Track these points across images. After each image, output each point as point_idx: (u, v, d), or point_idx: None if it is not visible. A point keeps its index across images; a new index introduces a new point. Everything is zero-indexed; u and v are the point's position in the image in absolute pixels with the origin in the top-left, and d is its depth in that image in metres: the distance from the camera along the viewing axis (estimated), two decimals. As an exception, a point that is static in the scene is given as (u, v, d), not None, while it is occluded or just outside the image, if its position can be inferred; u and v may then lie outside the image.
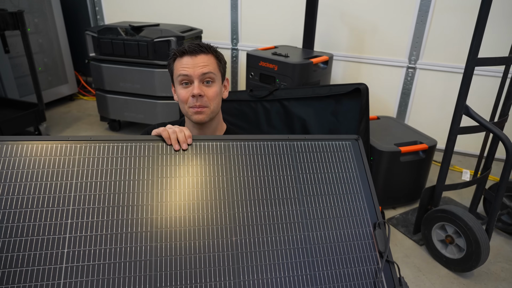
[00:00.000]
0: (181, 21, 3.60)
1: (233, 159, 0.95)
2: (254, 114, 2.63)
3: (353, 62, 3.25)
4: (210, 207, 0.88)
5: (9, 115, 2.92)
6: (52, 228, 0.79)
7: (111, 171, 0.87)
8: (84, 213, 0.81)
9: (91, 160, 0.87)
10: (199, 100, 1.13)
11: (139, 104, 3.12)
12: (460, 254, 1.88)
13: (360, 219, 0.94)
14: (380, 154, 2.23)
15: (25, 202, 0.80)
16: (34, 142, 0.87)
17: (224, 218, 0.87)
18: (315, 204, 0.94)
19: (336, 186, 0.98)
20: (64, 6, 3.76)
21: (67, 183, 0.84)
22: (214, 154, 0.95)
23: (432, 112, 3.16)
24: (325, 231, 0.91)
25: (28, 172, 0.83)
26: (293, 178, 0.97)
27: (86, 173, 0.86)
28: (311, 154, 1.01)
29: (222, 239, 0.85)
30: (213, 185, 0.91)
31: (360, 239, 0.91)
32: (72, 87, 4.02)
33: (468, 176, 2.83)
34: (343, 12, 3.13)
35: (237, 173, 0.94)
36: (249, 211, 0.90)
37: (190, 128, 1.25)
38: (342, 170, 1.01)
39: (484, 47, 2.02)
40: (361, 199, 0.98)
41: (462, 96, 1.79)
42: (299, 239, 0.88)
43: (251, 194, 0.92)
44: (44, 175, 0.84)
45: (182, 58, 1.14)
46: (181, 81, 1.14)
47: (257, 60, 2.73)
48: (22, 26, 2.79)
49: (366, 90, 2.14)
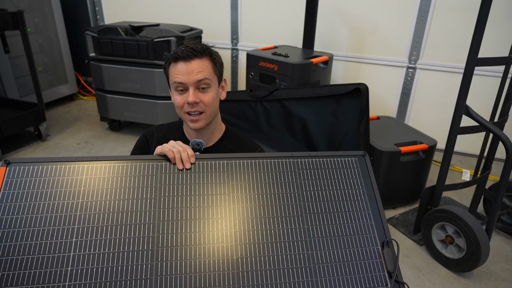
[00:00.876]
0: (181, 21, 3.60)
1: (236, 177, 0.95)
2: (254, 114, 2.63)
3: (353, 62, 3.25)
4: (213, 225, 0.87)
5: (9, 115, 2.92)
6: (58, 246, 0.80)
7: (116, 191, 0.89)
8: (89, 231, 0.82)
9: (97, 180, 0.90)
10: (195, 106, 1.11)
11: (139, 104, 3.12)
12: (460, 254, 1.88)
13: (368, 237, 0.91)
14: (380, 154, 2.23)
15: (32, 221, 0.82)
16: (43, 164, 0.90)
17: (227, 236, 0.86)
18: (319, 222, 0.92)
19: (342, 204, 0.96)
20: (64, 6, 3.76)
21: (74, 203, 0.86)
22: (217, 172, 0.95)
23: (432, 112, 3.15)
24: (330, 250, 0.88)
25: (37, 192, 0.86)
26: (297, 196, 0.95)
27: (92, 193, 0.88)
28: (316, 171, 0.99)
29: (224, 257, 0.83)
30: (216, 203, 0.91)
31: (367, 258, 0.88)
32: (72, 87, 4.02)
33: (468, 176, 2.83)
34: (343, 12, 3.13)
35: (239, 191, 0.93)
36: (251, 229, 0.88)
37: (188, 131, 1.24)
38: (348, 187, 0.99)
39: (484, 47, 2.02)
40: (369, 216, 0.95)
41: (462, 96, 1.79)
42: (303, 258, 0.85)
43: (253, 213, 0.91)
44: (51, 195, 0.86)
45: (176, 64, 1.11)
46: (176, 88, 1.12)
47: (257, 60, 2.73)
48: (22, 26, 2.79)
49: (366, 90, 2.14)
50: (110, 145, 3.14)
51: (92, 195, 0.87)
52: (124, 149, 3.07)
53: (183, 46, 1.13)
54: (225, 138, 1.26)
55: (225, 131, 1.28)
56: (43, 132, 3.13)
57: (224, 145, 1.25)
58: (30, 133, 3.23)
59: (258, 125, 2.63)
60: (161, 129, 1.30)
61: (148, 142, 1.28)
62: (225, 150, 1.24)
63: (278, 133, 2.58)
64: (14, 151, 2.97)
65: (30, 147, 3.06)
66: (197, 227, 0.86)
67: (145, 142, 1.28)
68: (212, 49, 1.16)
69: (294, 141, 2.53)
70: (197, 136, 1.21)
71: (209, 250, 0.84)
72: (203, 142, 1.20)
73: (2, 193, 0.84)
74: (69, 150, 3.03)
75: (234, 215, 0.90)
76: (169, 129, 1.30)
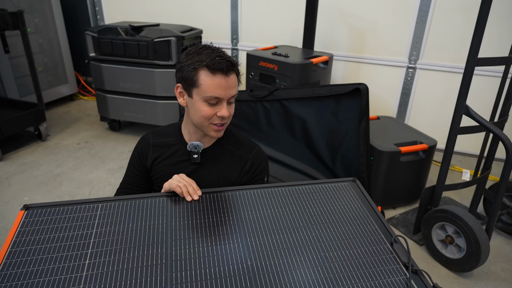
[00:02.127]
0: (181, 21, 3.60)
1: (241, 203, 1.02)
2: (254, 114, 2.63)
3: (353, 62, 3.25)
4: (219, 240, 0.90)
5: (9, 115, 2.92)
6: (71, 268, 0.82)
7: (128, 225, 0.94)
8: (100, 265, 0.84)
9: (110, 214, 0.96)
10: (224, 119, 1.12)
11: (139, 104, 3.12)
12: (460, 254, 1.88)
13: (375, 238, 0.94)
14: (380, 154, 2.23)
15: (52, 250, 0.86)
16: (62, 206, 0.98)
17: (238, 247, 0.89)
18: (326, 230, 0.95)
19: (343, 214, 1.01)
20: (64, 6, 3.76)
21: (88, 233, 0.91)
22: (223, 201, 1.03)
23: (432, 112, 3.16)
24: (342, 251, 0.90)
25: (56, 228, 0.92)
26: (300, 212, 1.01)
27: (105, 224, 0.93)
28: (314, 195, 1.08)
29: (236, 264, 0.84)
30: (224, 223, 0.95)
31: (380, 255, 0.89)
32: (72, 87, 4.02)
33: (468, 176, 2.83)
34: (343, 12, 3.13)
35: (246, 213, 0.99)
36: (261, 240, 0.91)
37: (191, 134, 1.22)
38: (345, 203, 1.06)
39: (484, 47, 2.02)
40: (371, 222, 0.99)
41: (462, 96, 1.79)
42: (316, 259, 0.87)
43: (261, 227, 0.95)
44: (68, 229, 0.92)
45: (214, 76, 1.04)
46: (209, 100, 1.07)
47: (257, 60, 2.73)
48: (22, 26, 2.79)
49: (366, 90, 2.14)
50: (110, 145, 3.14)
51: (105, 225, 0.93)
52: (124, 149, 3.07)
53: (215, 54, 1.05)
54: (223, 138, 1.25)
55: (225, 133, 1.27)
56: (43, 132, 3.14)
57: (223, 145, 1.25)
58: (30, 133, 3.23)
59: (258, 125, 2.63)
60: (156, 135, 1.28)
61: (144, 150, 1.27)
62: (223, 150, 1.24)
63: (278, 133, 2.58)
64: (14, 151, 2.97)
65: (30, 147, 3.06)
66: (208, 241, 0.90)
67: (142, 152, 1.27)
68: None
69: (294, 141, 2.53)
70: (199, 138, 1.21)
71: (223, 259, 0.86)
72: (201, 144, 1.20)
73: (19, 231, 0.91)
74: (69, 150, 3.03)
75: (242, 231, 0.94)
76: (165, 133, 1.29)
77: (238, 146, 1.26)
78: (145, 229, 0.92)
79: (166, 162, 1.24)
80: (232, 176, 1.23)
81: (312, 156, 2.48)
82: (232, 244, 0.89)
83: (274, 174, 2.53)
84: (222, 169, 1.23)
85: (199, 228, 0.93)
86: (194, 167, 1.22)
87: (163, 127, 1.32)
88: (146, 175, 1.29)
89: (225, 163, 1.23)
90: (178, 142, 1.25)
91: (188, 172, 1.20)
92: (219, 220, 0.96)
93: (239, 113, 2.67)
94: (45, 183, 2.57)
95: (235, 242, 0.90)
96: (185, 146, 1.22)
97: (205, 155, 1.22)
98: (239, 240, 0.90)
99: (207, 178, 1.21)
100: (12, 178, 2.61)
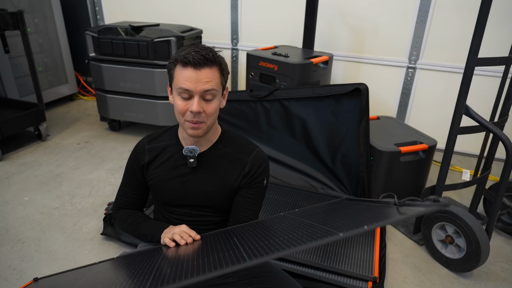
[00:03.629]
0: (181, 21, 3.60)
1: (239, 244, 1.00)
2: (254, 114, 2.63)
3: (353, 62, 3.25)
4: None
5: (9, 115, 2.92)
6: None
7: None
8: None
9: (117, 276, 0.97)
10: (197, 116, 1.08)
11: (139, 104, 3.12)
12: (460, 254, 1.88)
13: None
14: (380, 154, 2.22)
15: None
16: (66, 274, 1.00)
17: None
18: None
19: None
20: (64, 6, 3.76)
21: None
22: (222, 239, 1.03)
23: (432, 112, 3.16)
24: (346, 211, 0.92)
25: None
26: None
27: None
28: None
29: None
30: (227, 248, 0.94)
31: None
32: (72, 87, 4.02)
33: (468, 176, 2.83)
34: (343, 12, 3.13)
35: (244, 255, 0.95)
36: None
37: (185, 136, 1.21)
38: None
39: (484, 47, 2.02)
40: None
41: (462, 96, 1.79)
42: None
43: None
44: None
45: (184, 69, 1.05)
46: (180, 93, 1.08)
47: (257, 60, 2.73)
48: (22, 26, 2.79)
49: (366, 90, 2.14)
50: (110, 145, 3.14)
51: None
52: (124, 149, 3.07)
53: (193, 49, 1.06)
54: (221, 142, 1.24)
55: (221, 134, 1.26)
56: (43, 132, 3.14)
57: (220, 148, 1.23)
58: (30, 133, 3.23)
59: (258, 125, 2.63)
60: (151, 140, 1.28)
61: (140, 157, 1.26)
62: (220, 153, 1.23)
63: (278, 133, 2.58)
64: (14, 151, 2.97)
65: (30, 147, 3.06)
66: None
67: (137, 159, 1.26)
68: (222, 57, 1.12)
69: (294, 141, 2.53)
70: (193, 142, 1.19)
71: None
72: (197, 148, 1.18)
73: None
74: (69, 150, 3.03)
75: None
76: (160, 137, 1.28)
77: (237, 149, 1.24)
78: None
79: (163, 167, 1.23)
80: (230, 179, 1.22)
81: (312, 156, 2.48)
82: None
83: (274, 174, 2.53)
84: (220, 172, 1.21)
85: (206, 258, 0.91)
86: (191, 171, 1.21)
87: (158, 132, 1.31)
88: (143, 182, 1.28)
89: (222, 167, 1.22)
90: (174, 146, 1.24)
91: (185, 176, 1.20)
92: (219, 247, 0.95)
93: (239, 113, 2.67)
94: (45, 183, 2.56)
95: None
96: (181, 150, 1.21)
97: (202, 159, 1.21)
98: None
99: (204, 182, 1.21)
100: (12, 178, 2.61)
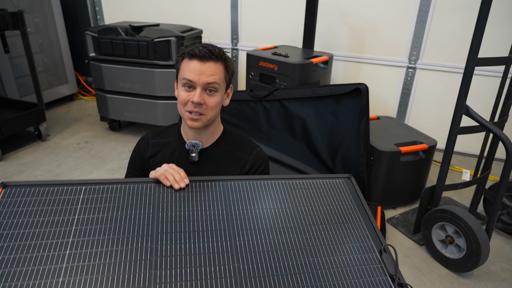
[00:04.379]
0: (181, 21, 3.60)
1: (231, 196, 0.99)
2: (254, 114, 2.63)
3: (353, 62, 3.25)
4: (207, 237, 0.88)
5: (9, 115, 2.92)
6: (51, 259, 0.79)
7: (114, 208, 0.91)
8: (83, 244, 0.83)
9: (94, 199, 0.92)
10: (198, 107, 1.11)
11: (139, 104, 3.12)
12: (460, 254, 1.88)
13: (365, 245, 0.93)
14: (380, 154, 2.22)
15: (30, 236, 0.83)
16: (42, 186, 0.93)
17: (226, 247, 0.87)
18: (316, 232, 0.94)
19: (335, 216, 0.99)
20: (64, 6, 3.76)
21: (70, 219, 0.87)
22: (212, 192, 1.00)
23: (432, 112, 3.16)
24: (330, 257, 0.88)
25: (32, 211, 0.87)
26: (291, 211, 0.98)
27: (88, 210, 0.90)
28: (307, 190, 1.05)
29: (225, 265, 0.83)
30: (212, 218, 0.93)
31: (367, 264, 0.88)
32: (72, 87, 4.02)
33: (468, 176, 2.83)
34: (343, 12, 3.13)
35: (234, 207, 0.96)
36: (250, 239, 0.89)
37: (185, 131, 1.23)
38: (338, 202, 1.03)
39: (484, 47, 2.02)
40: (362, 227, 0.97)
41: (462, 96, 1.79)
42: (305, 265, 0.86)
43: (250, 226, 0.92)
44: (46, 212, 0.87)
45: (190, 61, 1.10)
46: (184, 84, 1.11)
47: (257, 60, 2.73)
48: (22, 26, 2.79)
49: (366, 90, 2.14)
50: (110, 145, 3.14)
51: (88, 212, 0.89)
52: (124, 149, 3.07)
53: (200, 45, 1.12)
54: (222, 139, 1.25)
55: (223, 132, 1.27)
56: (43, 132, 3.13)
57: (221, 145, 1.25)
58: (30, 133, 3.23)
59: (258, 125, 2.63)
60: (155, 134, 1.29)
61: (143, 151, 1.27)
62: (222, 150, 1.24)
63: (278, 133, 2.58)
64: (14, 151, 2.97)
65: (30, 147, 3.06)
66: (195, 238, 0.87)
67: (141, 152, 1.28)
68: (228, 56, 1.16)
69: (294, 141, 2.53)
70: (195, 137, 1.21)
71: (208, 259, 0.84)
72: (199, 143, 1.20)
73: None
74: (69, 150, 3.03)
75: (232, 227, 0.91)
76: (164, 133, 1.30)
77: (238, 147, 1.25)
78: (130, 219, 0.89)
79: (165, 161, 1.24)
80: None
81: (312, 156, 2.48)
82: (220, 242, 0.87)
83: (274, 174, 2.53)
84: (221, 169, 1.22)
85: (187, 222, 0.90)
86: (193, 167, 1.22)
87: (162, 127, 1.33)
88: (146, 176, 1.29)
89: (224, 164, 1.23)
90: (177, 142, 1.26)
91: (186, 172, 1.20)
92: (207, 214, 0.93)
93: (239, 113, 2.67)
94: (45, 183, 2.56)
95: (223, 241, 0.88)
96: (184, 145, 1.22)
97: (204, 155, 1.22)
98: (227, 238, 0.88)
99: None
100: (12, 178, 2.61)
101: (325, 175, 1.11)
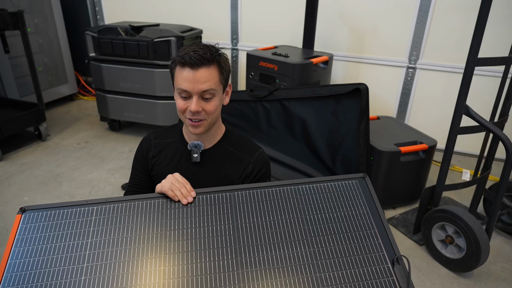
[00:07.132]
0: (181, 21, 3.60)
1: (238, 208, 0.98)
2: (254, 114, 2.63)
3: (353, 62, 3.25)
4: (217, 255, 0.88)
5: (9, 115, 2.92)
6: (68, 285, 0.83)
7: (124, 228, 0.94)
8: (97, 269, 0.85)
9: (105, 220, 0.95)
10: (196, 114, 1.09)
11: (139, 104, 3.12)
12: (460, 254, 1.88)
13: (377, 256, 0.90)
14: (380, 154, 2.23)
15: (47, 262, 0.86)
16: (57, 209, 0.97)
17: (234, 264, 0.87)
18: (326, 244, 0.91)
19: (347, 225, 0.95)
20: (64, 6, 3.76)
21: (83, 243, 0.91)
22: (220, 204, 0.99)
23: (432, 112, 3.16)
24: (340, 271, 0.87)
25: (49, 236, 0.91)
26: (300, 220, 0.96)
27: (101, 233, 0.93)
28: (318, 196, 1.01)
29: (233, 285, 0.83)
30: (220, 233, 0.93)
31: (379, 277, 0.86)
32: (72, 87, 4.02)
33: (468, 176, 2.83)
34: (343, 12, 3.13)
35: (242, 221, 0.95)
36: (256, 256, 0.88)
37: (187, 133, 1.23)
38: (351, 208, 0.99)
39: (484, 47, 2.02)
40: (375, 235, 0.94)
41: (462, 96, 1.79)
42: (313, 281, 0.84)
43: (258, 239, 0.92)
44: (64, 237, 0.91)
45: (182, 69, 1.07)
46: (180, 93, 1.09)
47: (257, 60, 2.73)
48: (22, 26, 2.79)
49: (366, 90, 2.14)
50: (110, 145, 3.14)
51: (101, 234, 0.92)
52: (124, 149, 3.07)
53: (191, 49, 1.07)
54: (224, 140, 1.25)
55: (225, 133, 1.27)
56: (43, 132, 3.14)
57: (224, 146, 1.24)
58: (30, 133, 3.23)
59: (258, 125, 2.63)
60: (158, 135, 1.29)
61: (146, 151, 1.27)
62: (224, 151, 1.23)
63: (278, 133, 2.58)
64: (14, 151, 2.97)
65: (30, 147, 3.06)
66: (205, 257, 0.88)
67: (144, 153, 1.27)
68: (222, 55, 1.12)
69: (294, 141, 2.53)
70: (196, 137, 1.21)
71: (218, 280, 0.84)
72: (201, 144, 1.20)
73: (17, 239, 0.91)
74: (69, 150, 3.03)
75: (240, 243, 0.91)
76: (167, 133, 1.29)
77: (241, 149, 1.25)
78: (138, 240, 0.91)
79: (167, 162, 1.24)
80: (233, 178, 1.22)
81: (312, 156, 2.48)
82: (227, 260, 0.87)
83: (274, 174, 2.53)
84: (223, 170, 1.22)
85: (198, 240, 0.91)
86: (195, 167, 1.22)
87: (164, 128, 1.33)
88: (150, 176, 1.29)
89: (225, 165, 1.22)
90: (179, 142, 1.25)
91: (188, 173, 1.20)
92: (212, 230, 0.93)
93: (239, 113, 2.67)
94: (45, 183, 2.57)
95: (229, 259, 0.88)
96: (186, 146, 1.22)
97: (206, 156, 1.22)
98: (232, 256, 0.88)
99: (207, 179, 1.21)
100: (12, 178, 2.61)
101: (338, 177, 1.06)
